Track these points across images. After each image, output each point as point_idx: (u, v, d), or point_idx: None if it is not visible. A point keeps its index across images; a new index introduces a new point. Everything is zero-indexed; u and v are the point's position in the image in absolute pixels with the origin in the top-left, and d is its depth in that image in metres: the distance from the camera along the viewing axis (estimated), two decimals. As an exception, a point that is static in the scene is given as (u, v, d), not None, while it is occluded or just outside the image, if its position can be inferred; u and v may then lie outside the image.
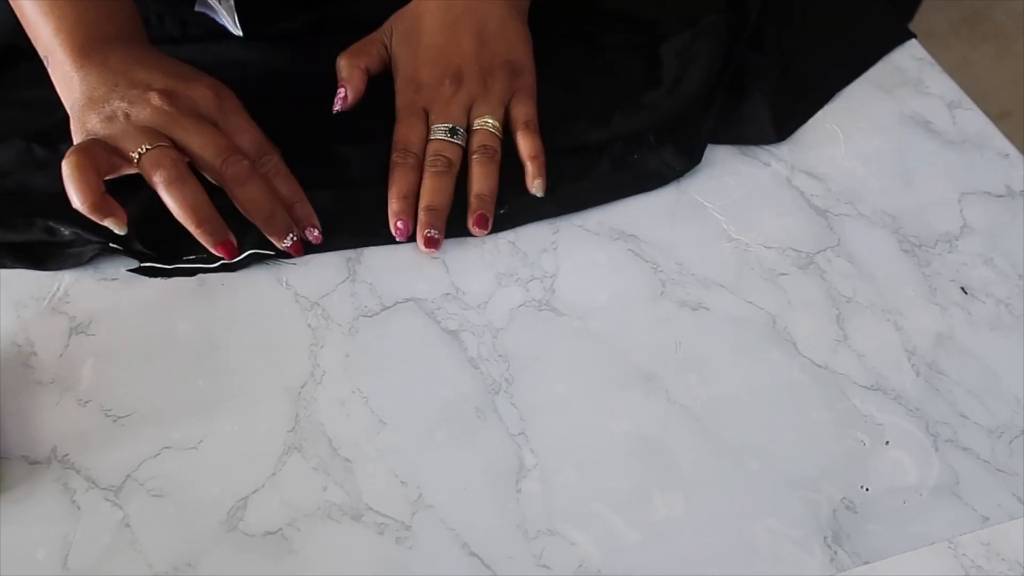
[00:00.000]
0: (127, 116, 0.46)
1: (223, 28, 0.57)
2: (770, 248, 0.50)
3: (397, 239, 0.49)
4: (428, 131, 0.51)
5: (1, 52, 0.55)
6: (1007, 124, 1.42)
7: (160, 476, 0.41)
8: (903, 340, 0.46)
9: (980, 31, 1.71)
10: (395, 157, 0.50)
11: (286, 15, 0.57)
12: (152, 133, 0.45)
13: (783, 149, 0.54)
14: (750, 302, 0.47)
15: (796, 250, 0.50)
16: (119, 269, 0.47)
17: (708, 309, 0.47)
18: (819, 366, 0.45)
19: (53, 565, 0.38)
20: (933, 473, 0.42)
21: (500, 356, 0.45)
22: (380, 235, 0.49)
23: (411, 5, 0.54)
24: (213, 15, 0.56)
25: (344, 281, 0.48)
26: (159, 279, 0.47)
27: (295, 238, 0.47)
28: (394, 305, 0.47)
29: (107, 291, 0.47)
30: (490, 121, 0.51)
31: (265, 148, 0.49)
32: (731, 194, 0.52)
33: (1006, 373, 0.45)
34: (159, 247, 0.47)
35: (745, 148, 0.54)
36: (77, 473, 0.41)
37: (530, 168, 0.51)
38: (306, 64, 0.56)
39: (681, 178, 0.52)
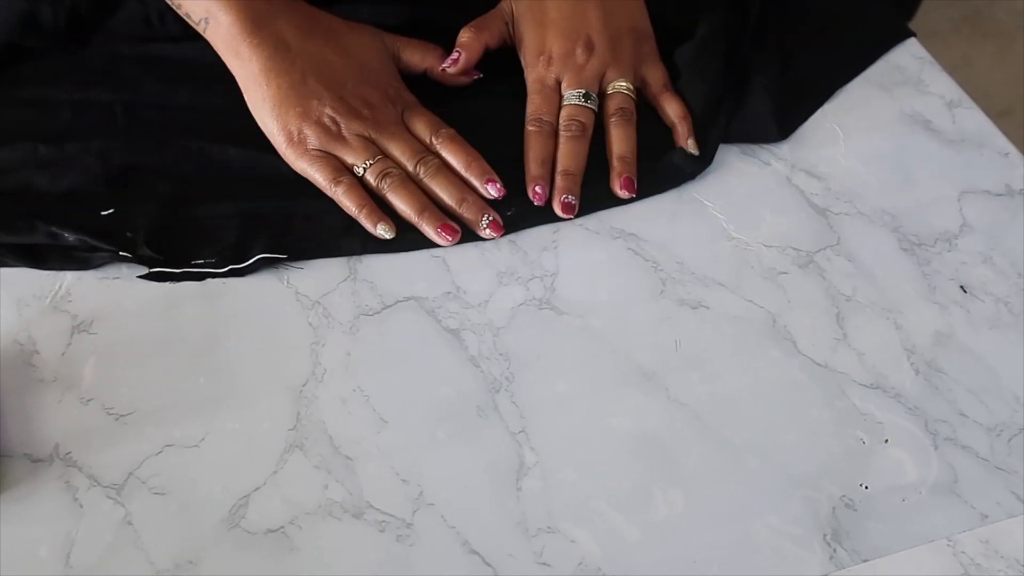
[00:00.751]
0: (339, 127, 0.50)
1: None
2: (770, 247, 0.50)
3: (535, 203, 0.50)
4: (561, 101, 0.53)
5: (2, 51, 0.55)
6: (1008, 122, 1.42)
7: (162, 474, 0.41)
8: (902, 339, 0.46)
9: (981, 29, 1.71)
10: (529, 127, 0.52)
11: None
12: (370, 147, 0.50)
13: (783, 148, 0.54)
14: (750, 301, 0.48)
15: (796, 249, 0.50)
16: (121, 268, 0.48)
17: (708, 308, 0.47)
18: (819, 364, 0.45)
19: (55, 563, 0.38)
20: (932, 471, 0.42)
21: (501, 355, 0.45)
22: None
23: None
24: (214, 14, 0.56)
25: (345, 280, 0.48)
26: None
27: (491, 219, 0.49)
28: (395, 304, 0.47)
29: (109, 290, 0.47)
30: (624, 84, 0.53)
31: (437, 126, 0.52)
32: (731, 193, 0.52)
33: (1005, 371, 0.45)
34: (167, 252, 0.47)
35: (745, 147, 0.54)
36: (79, 471, 0.41)
37: (681, 129, 0.53)
38: None
39: (681, 177, 0.53)
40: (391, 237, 0.48)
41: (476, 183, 0.50)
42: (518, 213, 0.50)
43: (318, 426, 0.42)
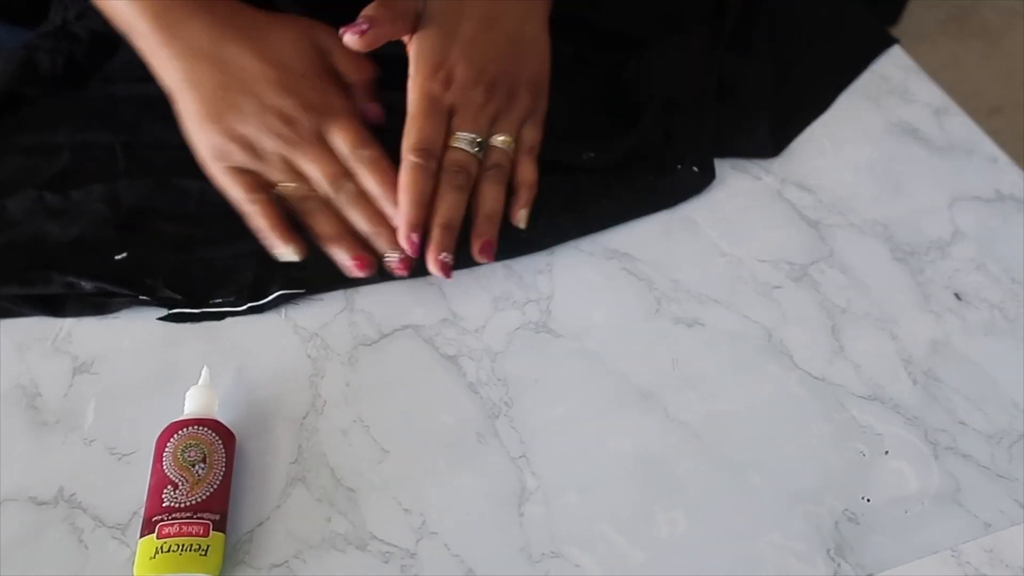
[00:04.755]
0: (258, 144, 0.47)
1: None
2: (763, 261, 0.50)
3: (408, 252, 0.46)
4: (448, 137, 0.48)
5: (2, 99, 0.55)
6: (998, 120, 1.43)
7: (166, 513, 0.41)
8: (899, 349, 0.47)
9: (968, 28, 1.72)
10: (414, 157, 0.47)
11: None
12: (288, 169, 0.47)
13: (773, 162, 0.55)
14: (745, 316, 0.48)
15: (789, 262, 0.50)
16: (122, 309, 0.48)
17: (704, 325, 0.47)
18: (816, 378, 0.45)
19: (63, 606, 0.38)
20: (934, 481, 0.42)
21: (499, 380, 0.45)
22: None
23: None
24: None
25: (342, 311, 0.48)
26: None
27: (401, 254, 0.47)
28: (392, 333, 0.47)
29: (109, 330, 0.47)
30: (509, 140, 0.50)
31: (366, 142, 0.48)
32: (722, 208, 0.53)
33: (1003, 378, 0.45)
34: (186, 293, 0.48)
35: (736, 162, 0.55)
36: (84, 512, 0.41)
37: (522, 196, 0.50)
38: None
39: (673, 195, 0.53)
40: (299, 259, 0.47)
41: (390, 217, 0.47)
42: (531, 234, 0.50)
43: (319, 458, 0.43)
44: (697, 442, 0.43)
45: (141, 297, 0.47)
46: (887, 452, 0.43)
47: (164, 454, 0.40)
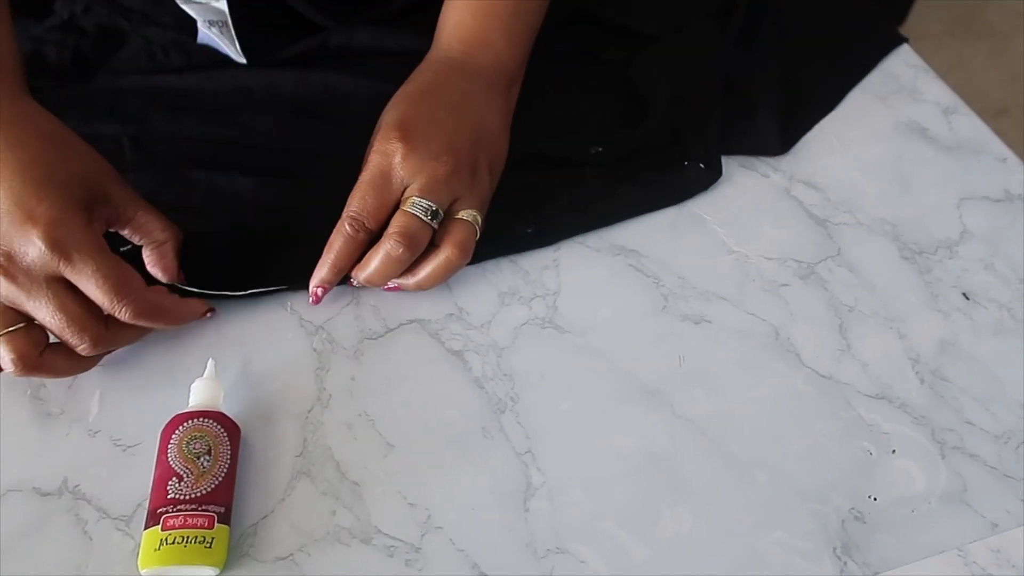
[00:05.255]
0: None
1: (227, 56, 0.57)
2: (770, 259, 0.50)
3: (312, 304, 0.46)
4: (398, 203, 0.45)
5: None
6: (1004, 122, 1.43)
7: (170, 505, 0.41)
8: (906, 348, 0.46)
9: (974, 30, 1.72)
10: (347, 226, 0.44)
11: (287, 41, 0.57)
12: (8, 313, 0.41)
13: (781, 160, 0.54)
14: (752, 314, 0.48)
15: (796, 260, 0.50)
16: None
17: (710, 322, 0.47)
18: (823, 376, 0.45)
19: (66, 597, 0.38)
20: (941, 481, 0.42)
21: (505, 375, 0.45)
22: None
23: (403, 89, 0.49)
24: (216, 46, 0.57)
25: (348, 304, 0.48)
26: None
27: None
28: (398, 327, 0.47)
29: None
30: (476, 215, 0.46)
31: (122, 291, 0.41)
32: (730, 206, 0.52)
33: (1010, 378, 0.45)
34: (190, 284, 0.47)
35: (743, 159, 0.54)
36: (88, 503, 0.41)
37: (449, 253, 0.45)
38: (310, 88, 0.56)
39: (680, 192, 0.53)
40: None
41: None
42: (537, 229, 0.50)
43: (324, 452, 0.43)
44: (703, 439, 0.43)
45: None
46: (894, 451, 0.43)
47: (169, 446, 0.40)
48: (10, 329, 0.41)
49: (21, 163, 0.41)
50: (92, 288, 0.41)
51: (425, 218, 0.44)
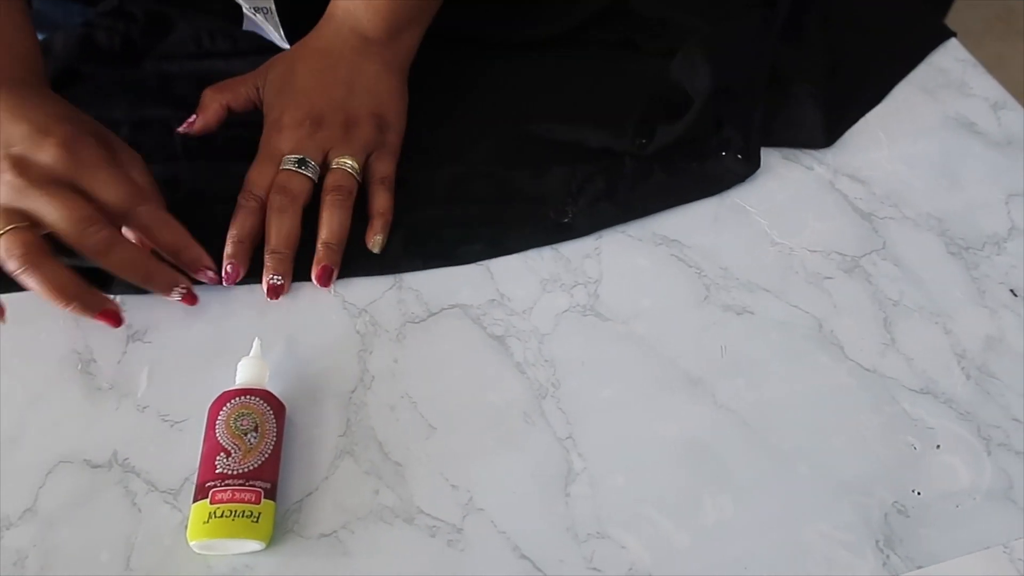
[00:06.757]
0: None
1: (272, 43, 0.58)
2: (814, 252, 0.50)
3: (225, 283, 0.47)
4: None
5: (61, 75, 0.57)
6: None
7: (217, 480, 0.41)
8: (952, 343, 0.46)
9: (1015, 28, 1.69)
10: (239, 199, 0.48)
11: None
12: (5, 213, 0.42)
13: (826, 153, 0.54)
14: (795, 306, 0.47)
15: (841, 253, 0.49)
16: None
17: (753, 313, 0.47)
18: (867, 370, 0.45)
19: (116, 566, 0.39)
20: (986, 477, 0.41)
21: (546, 361, 0.45)
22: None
23: (288, 51, 0.54)
24: (260, 32, 0.58)
25: (390, 288, 0.49)
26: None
27: (184, 290, 0.46)
28: (440, 311, 0.48)
29: (162, 301, 0.48)
30: (348, 161, 0.49)
31: (137, 197, 0.45)
32: (773, 198, 0.52)
33: (1059, 376, 0.45)
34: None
35: (787, 151, 0.54)
36: (137, 476, 0.42)
37: (375, 223, 0.49)
38: None
39: (723, 183, 0.53)
40: None
41: (189, 272, 0.47)
42: (574, 220, 0.50)
43: (367, 432, 0.43)
44: (745, 429, 0.43)
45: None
46: (938, 446, 0.42)
47: (217, 422, 0.41)
48: (12, 226, 0.41)
49: (41, 108, 0.45)
50: (106, 191, 0.44)
51: (293, 168, 0.49)
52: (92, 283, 0.47)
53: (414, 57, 0.55)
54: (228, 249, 0.48)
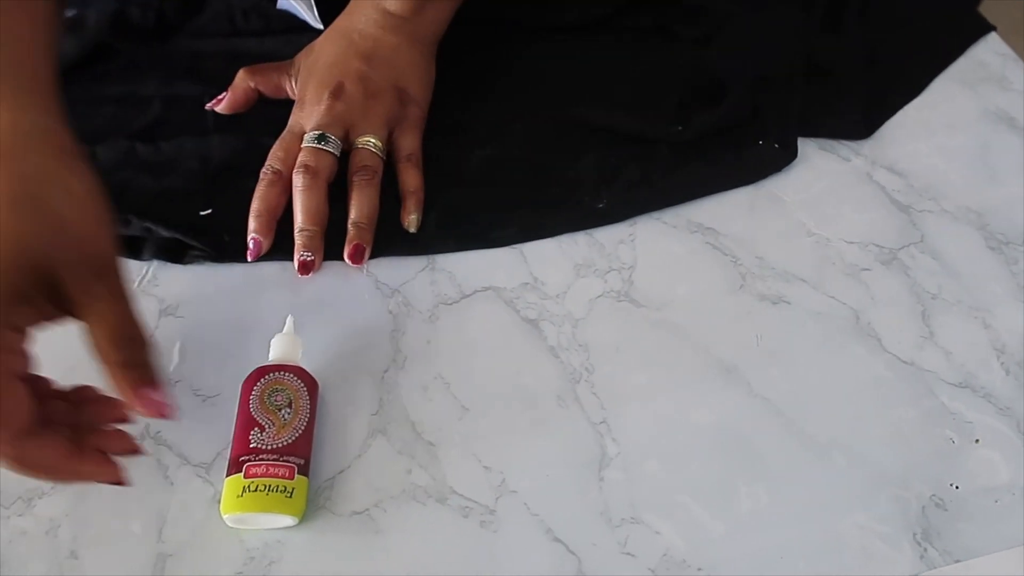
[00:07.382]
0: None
1: (305, 23, 0.58)
2: (851, 243, 0.49)
3: (249, 258, 0.48)
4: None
5: (94, 49, 0.56)
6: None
7: (249, 455, 0.41)
8: (992, 338, 0.45)
9: (1043, 31, 1.67)
10: (261, 173, 0.49)
11: None
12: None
13: (863, 144, 0.53)
14: (832, 297, 0.47)
15: (878, 245, 0.49)
16: (207, 253, 0.49)
17: (789, 303, 0.47)
18: (905, 362, 0.44)
19: (149, 538, 0.39)
20: (1025, 473, 0.41)
21: (580, 345, 0.45)
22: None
23: (316, 40, 0.54)
24: (294, 11, 0.57)
25: (424, 269, 0.48)
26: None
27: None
28: (473, 293, 0.47)
29: (194, 276, 0.48)
30: (372, 140, 0.50)
31: None
32: (810, 188, 0.52)
33: (1100, 373, 0.44)
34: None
35: (824, 142, 0.54)
36: (169, 450, 0.42)
37: (408, 203, 0.49)
38: None
39: (759, 172, 0.52)
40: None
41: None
42: (608, 205, 0.50)
43: (400, 412, 0.43)
44: (780, 419, 0.42)
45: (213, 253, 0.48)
46: (977, 440, 0.42)
47: (251, 397, 0.41)
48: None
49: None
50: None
51: (314, 144, 0.49)
52: (123, 251, 0.46)
53: (443, 33, 0.55)
54: (251, 224, 0.48)
